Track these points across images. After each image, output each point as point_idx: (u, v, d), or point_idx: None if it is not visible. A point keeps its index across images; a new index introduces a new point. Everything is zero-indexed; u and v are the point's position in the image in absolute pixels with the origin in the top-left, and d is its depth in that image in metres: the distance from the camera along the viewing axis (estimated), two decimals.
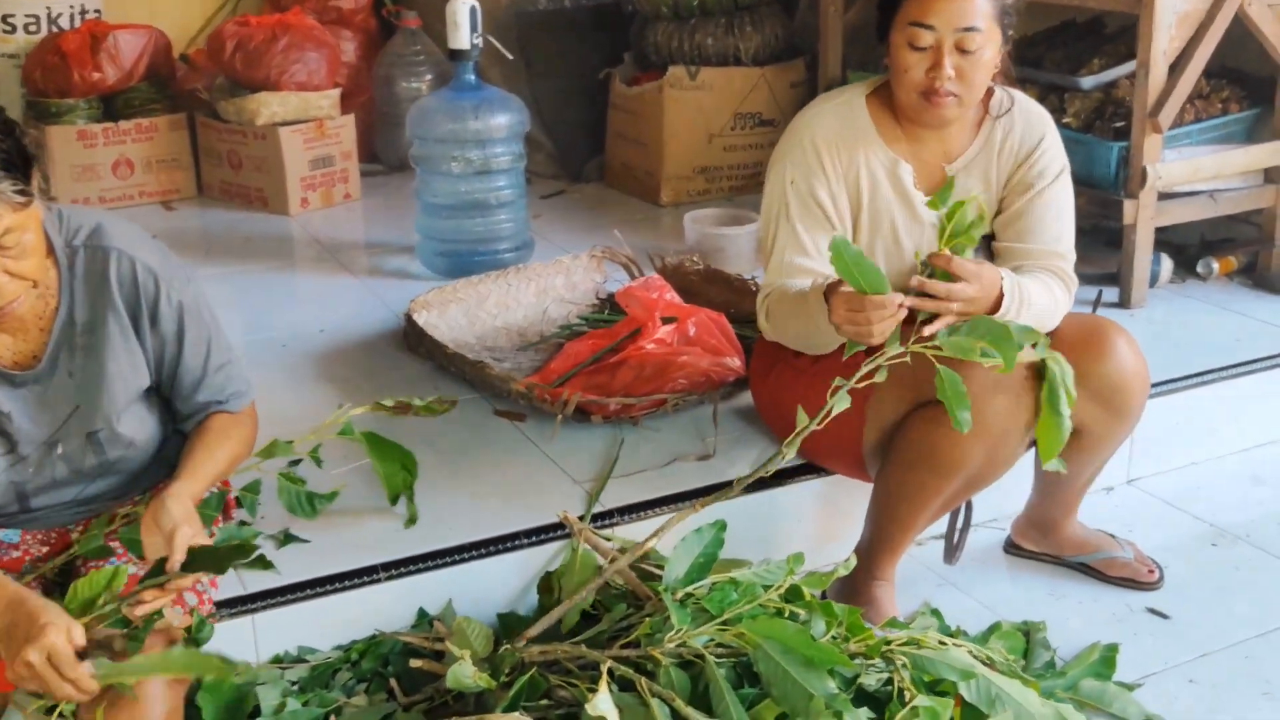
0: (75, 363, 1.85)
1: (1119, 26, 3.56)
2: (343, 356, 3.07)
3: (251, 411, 2.04)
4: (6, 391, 1.84)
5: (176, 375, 1.93)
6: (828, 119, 2.29)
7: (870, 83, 2.35)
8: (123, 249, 1.85)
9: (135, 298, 1.86)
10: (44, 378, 1.85)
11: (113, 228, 1.87)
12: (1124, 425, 2.24)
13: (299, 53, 4.20)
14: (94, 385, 1.86)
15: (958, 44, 2.12)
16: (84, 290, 1.84)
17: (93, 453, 1.90)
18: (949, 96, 2.16)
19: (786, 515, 2.45)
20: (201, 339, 1.93)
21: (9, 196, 1.64)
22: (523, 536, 2.23)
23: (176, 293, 1.88)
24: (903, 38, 2.15)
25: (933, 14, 2.11)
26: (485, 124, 3.45)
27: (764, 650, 1.68)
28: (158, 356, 1.91)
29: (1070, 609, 2.38)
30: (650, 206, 4.31)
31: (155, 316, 1.87)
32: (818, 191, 2.26)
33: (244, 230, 4.10)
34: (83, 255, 1.83)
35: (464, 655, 1.84)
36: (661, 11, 4.30)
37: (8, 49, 4.41)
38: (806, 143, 2.28)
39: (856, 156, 2.26)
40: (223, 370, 1.97)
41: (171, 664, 1.66)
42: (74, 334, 1.84)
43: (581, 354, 2.85)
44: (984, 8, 2.12)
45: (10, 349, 1.84)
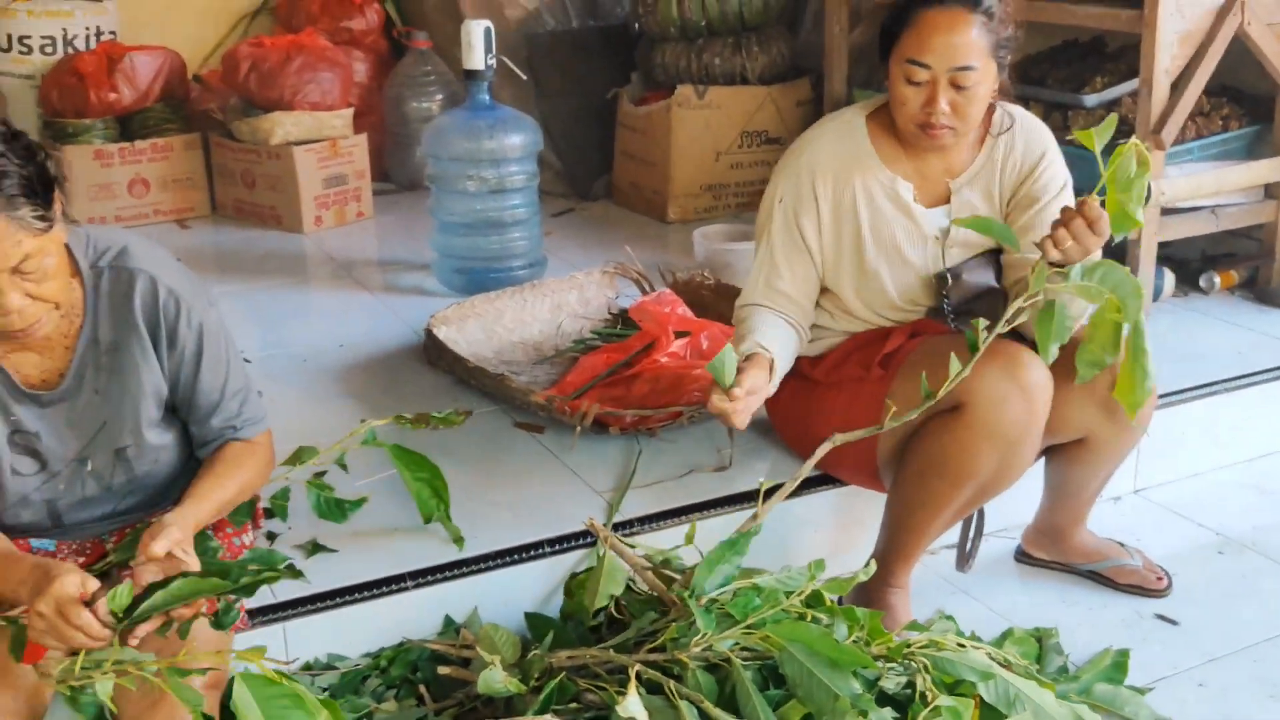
0: (101, 381, 1.89)
1: (1120, 45, 3.63)
2: (363, 371, 3.12)
3: (266, 442, 2.06)
4: (35, 411, 1.88)
5: (193, 398, 1.96)
6: (826, 143, 2.35)
7: (871, 102, 2.40)
8: (146, 270, 1.88)
9: (156, 318, 1.89)
10: (71, 396, 1.88)
11: (138, 249, 1.91)
12: (1132, 434, 2.29)
13: (312, 73, 4.27)
14: (120, 403, 1.90)
15: (952, 81, 2.17)
16: (108, 310, 1.87)
17: (121, 469, 1.94)
18: (944, 129, 2.21)
19: (802, 525, 2.49)
20: (220, 363, 1.96)
21: (29, 223, 1.67)
22: (545, 545, 2.28)
23: (197, 315, 1.92)
24: (900, 72, 2.21)
25: (928, 53, 2.16)
26: (500, 143, 3.51)
27: (789, 652, 1.73)
28: (173, 377, 1.94)
29: (1081, 616, 2.43)
30: (658, 224, 4.37)
31: (174, 337, 1.90)
32: (802, 219, 2.33)
33: (259, 248, 4.15)
34: (108, 276, 1.87)
35: (494, 661, 1.88)
36: (669, 32, 4.37)
37: (25, 70, 4.47)
38: (802, 168, 2.34)
39: (852, 181, 2.32)
40: (238, 396, 2.00)
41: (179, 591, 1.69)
42: (99, 353, 1.88)
43: (597, 367, 2.90)
44: (978, 45, 2.17)
45: (37, 367, 1.88)
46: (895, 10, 2.23)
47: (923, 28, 2.17)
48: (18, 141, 1.71)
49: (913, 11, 2.19)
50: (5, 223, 1.65)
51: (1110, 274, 1.95)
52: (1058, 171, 2.36)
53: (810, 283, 2.38)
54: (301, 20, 4.76)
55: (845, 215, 2.33)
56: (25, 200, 1.66)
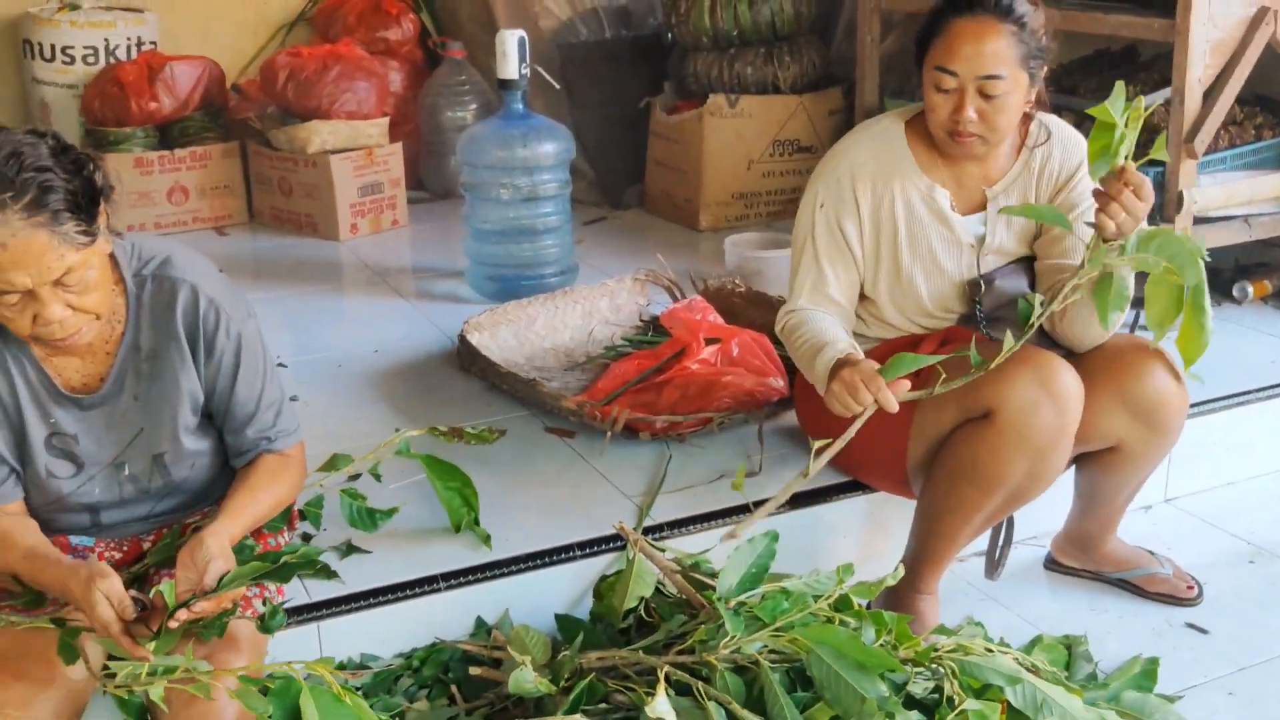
0: (140, 387, 1.92)
1: (1152, 55, 3.62)
2: (397, 376, 3.16)
3: (299, 454, 2.09)
4: (75, 414, 1.92)
5: (229, 407, 1.99)
6: (864, 148, 2.37)
7: (909, 110, 2.42)
8: (188, 280, 1.91)
9: (195, 327, 1.92)
10: (110, 400, 1.92)
11: (181, 259, 1.94)
12: (1163, 442, 2.29)
13: (349, 82, 4.32)
14: (158, 409, 1.94)
15: (980, 89, 2.19)
16: (149, 318, 1.91)
17: (158, 473, 1.98)
18: (972, 137, 2.23)
19: (831, 531, 2.51)
20: (257, 374, 1.99)
21: (73, 237, 1.70)
22: (576, 548, 2.30)
23: (236, 326, 1.95)
24: (929, 79, 2.23)
25: (955, 60, 2.18)
26: (533, 151, 3.55)
27: (817, 655, 1.74)
28: (210, 386, 1.97)
29: (1110, 624, 2.43)
30: (689, 232, 4.39)
31: (212, 347, 1.93)
32: (845, 223, 2.34)
33: (295, 255, 4.20)
34: (150, 284, 1.90)
35: (525, 661, 1.91)
36: (701, 42, 4.40)
37: (67, 79, 4.53)
38: (842, 173, 2.35)
39: (891, 186, 2.34)
40: (273, 407, 2.03)
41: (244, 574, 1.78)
42: (139, 359, 1.92)
43: (628, 374, 2.92)
44: (1007, 55, 2.18)
45: (79, 372, 1.92)
46: (928, 18, 2.26)
47: (952, 36, 2.19)
48: (66, 155, 1.74)
49: (943, 20, 2.21)
50: (49, 237, 1.68)
51: (1167, 243, 1.96)
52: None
53: (854, 286, 2.40)
54: (338, 30, 4.81)
55: (884, 220, 2.35)
56: (70, 215, 1.70)
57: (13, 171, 1.66)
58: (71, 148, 1.77)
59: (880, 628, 1.88)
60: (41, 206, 1.67)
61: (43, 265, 1.69)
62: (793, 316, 2.37)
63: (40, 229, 1.67)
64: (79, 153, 1.77)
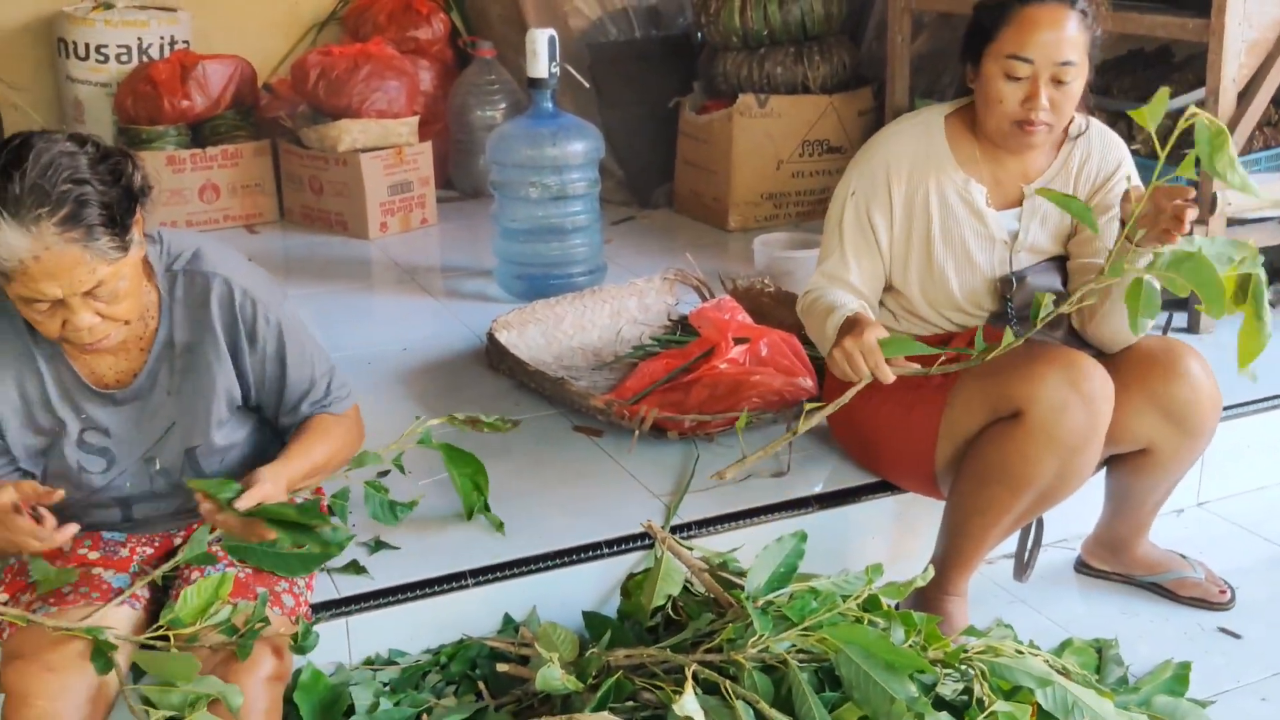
0: (174, 383, 1.94)
1: (1187, 55, 3.59)
2: (426, 374, 3.16)
3: (355, 415, 2.12)
4: (107, 410, 1.93)
5: (282, 391, 2.01)
6: (904, 140, 2.36)
7: (951, 104, 2.41)
8: (221, 274, 1.93)
9: (234, 321, 1.93)
10: (143, 395, 1.94)
11: (211, 253, 1.95)
12: (1196, 445, 2.27)
13: (379, 81, 4.33)
14: (191, 403, 1.95)
15: (1054, 76, 2.19)
16: (183, 313, 1.92)
17: (190, 467, 1.99)
18: (1041, 125, 2.22)
19: (860, 532, 2.50)
20: (304, 355, 2.02)
21: (105, 252, 1.72)
22: (603, 546, 2.30)
23: (274, 313, 1.96)
24: (998, 68, 2.21)
25: (1032, 48, 2.17)
26: (562, 150, 3.55)
27: (846, 655, 1.74)
28: (258, 376, 1.99)
29: (1142, 628, 2.41)
30: (718, 232, 4.39)
31: (254, 336, 1.95)
32: (874, 213, 2.34)
33: (324, 253, 4.22)
34: (182, 280, 1.92)
35: (552, 659, 1.91)
36: (731, 41, 4.39)
37: (101, 78, 4.57)
38: (878, 162, 2.35)
39: (927, 179, 2.33)
40: (325, 378, 2.06)
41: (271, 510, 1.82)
42: (173, 354, 1.93)
43: (656, 373, 2.92)
44: (1079, 42, 2.19)
45: (111, 368, 1.93)
46: (990, 8, 2.24)
47: (1026, 23, 2.18)
48: (105, 164, 1.74)
49: (1012, 9, 2.21)
50: (81, 251, 1.69)
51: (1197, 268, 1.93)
52: (1132, 179, 2.36)
53: (876, 279, 2.39)
54: (369, 30, 4.83)
55: (917, 212, 2.34)
56: (104, 230, 1.71)
57: (50, 184, 1.67)
58: (111, 154, 1.77)
59: (910, 628, 1.87)
60: (76, 221, 1.68)
61: (74, 278, 1.70)
62: (809, 294, 2.38)
63: (74, 244, 1.68)
64: (118, 158, 1.78)
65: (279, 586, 1.95)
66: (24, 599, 1.87)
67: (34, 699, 1.72)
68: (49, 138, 1.73)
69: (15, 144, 1.71)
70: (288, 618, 1.94)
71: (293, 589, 1.98)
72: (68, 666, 1.76)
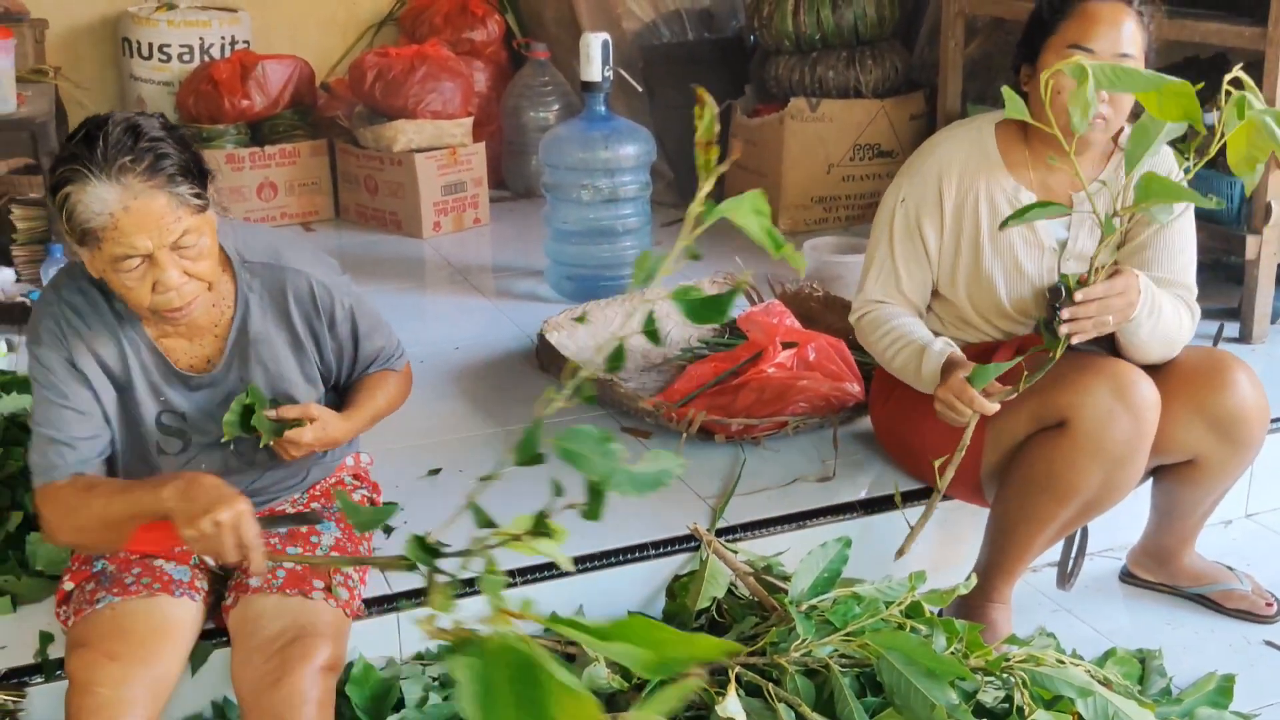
0: (248, 370, 2.02)
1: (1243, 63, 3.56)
2: (476, 373, 3.21)
3: (407, 369, 2.27)
4: (184, 393, 2.01)
5: (355, 363, 2.15)
6: (956, 146, 2.38)
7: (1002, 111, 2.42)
8: (298, 268, 2.03)
9: (314, 312, 2.04)
10: (219, 382, 2.01)
11: (286, 248, 2.05)
12: (1243, 457, 2.27)
13: (435, 83, 4.39)
14: (265, 391, 2.02)
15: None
16: (259, 304, 2.00)
17: (264, 449, 2.05)
18: (1098, 120, 2.23)
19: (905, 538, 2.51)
20: (374, 329, 2.14)
21: (188, 199, 1.82)
22: (650, 547, 2.34)
23: (347, 298, 2.08)
24: (1059, 59, 2.23)
25: (1094, 38, 2.21)
26: (614, 153, 3.59)
27: (887, 661, 1.76)
28: (337, 355, 2.11)
29: (1186, 639, 2.41)
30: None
31: (333, 323, 2.07)
32: (924, 221, 2.36)
33: (379, 252, 4.28)
34: (260, 273, 2.01)
35: (598, 658, 1.94)
36: (783, 45, 4.41)
37: (164, 77, 4.67)
38: (929, 168, 2.37)
39: (977, 185, 2.34)
40: (386, 337, 2.19)
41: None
42: (247, 343, 2.01)
43: (704, 376, 2.95)
44: (1137, 38, 2.23)
45: (187, 353, 2.01)
46: (1053, 2, 2.27)
47: (1087, 16, 2.23)
48: (174, 132, 1.87)
49: (1074, 3, 2.25)
50: (167, 199, 1.80)
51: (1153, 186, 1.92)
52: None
53: (925, 286, 2.42)
54: (425, 31, 4.89)
55: (967, 217, 2.36)
56: (184, 179, 1.82)
57: (131, 141, 1.79)
58: (177, 127, 1.91)
59: (951, 635, 1.89)
60: (158, 170, 1.79)
61: (162, 226, 1.80)
62: (870, 312, 2.40)
63: (159, 191, 1.79)
64: (184, 133, 1.91)
65: (335, 579, 2.00)
66: (89, 588, 1.93)
67: (97, 686, 1.78)
68: (121, 114, 1.86)
69: (92, 122, 1.83)
70: (342, 610, 1.98)
71: (347, 582, 2.03)
72: (130, 655, 1.82)
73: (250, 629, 1.91)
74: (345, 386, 2.19)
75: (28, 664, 2.04)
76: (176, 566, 1.97)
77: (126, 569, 1.94)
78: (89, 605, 1.89)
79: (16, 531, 2.25)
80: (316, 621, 1.91)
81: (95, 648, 1.82)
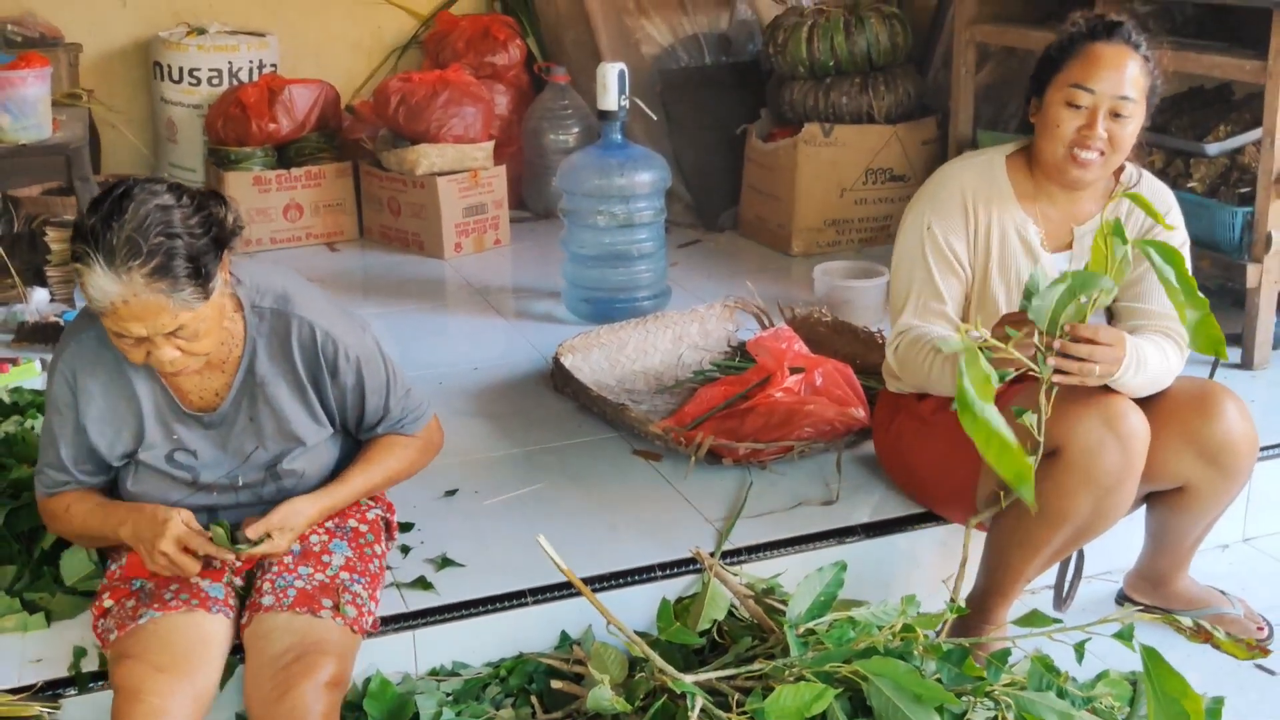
0: (255, 410, 2.10)
1: (1247, 94, 3.63)
2: (494, 394, 3.31)
3: (426, 434, 2.29)
4: (196, 431, 2.10)
5: (362, 416, 2.19)
6: (971, 173, 2.46)
7: (1012, 144, 2.51)
8: (303, 315, 2.09)
9: (315, 360, 2.10)
10: (227, 420, 2.11)
11: (297, 295, 2.11)
12: (1232, 485, 2.34)
13: (457, 108, 4.49)
14: (273, 431, 2.12)
15: (1112, 109, 2.29)
16: (266, 349, 2.08)
17: (271, 483, 2.15)
18: (1096, 155, 2.31)
19: (906, 560, 2.59)
20: (380, 383, 2.18)
21: (188, 301, 1.89)
22: (657, 569, 2.42)
23: (354, 350, 2.13)
24: (1061, 96, 2.32)
25: (1095, 79, 2.29)
26: (630, 180, 3.68)
27: (876, 685, 1.84)
28: (340, 404, 2.16)
29: (1178, 661, 2.42)
30: (781, 256, 4.49)
31: (335, 372, 2.12)
32: (953, 240, 2.43)
33: (401, 272, 4.39)
34: (269, 318, 2.08)
35: (603, 679, 2.02)
36: (798, 71, 4.49)
37: (193, 100, 4.78)
38: (950, 193, 2.44)
39: (991, 212, 2.43)
40: (400, 403, 2.22)
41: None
42: (253, 384, 2.09)
43: (714, 399, 3.03)
44: (1139, 82, 2.31)
45: (197, 388, 2.10)
46: (1062, 41, 2.37)
47: (1091, 58, 2.31)
48: (197, 216, 1.90)
49: (1081, 43, 2.33)
50: (166, 300, 1.86)
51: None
52: (1176, 231, 2.43)
53: (960, 303, 2.47)
54: (448, 55, 4.98)
55: (980, 243, 2.44)
56: (189, 280, 1.88)
57: (144, 237, 1.83)
58: (206, 204, 1.93)
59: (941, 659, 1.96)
60: (164, 274, 1.85)
61: (158, 322, 1.88)
62: (908, 332, 2.43)
63: (159, 294, 1.85)
64: (211, 208, 1.94)
65: (344, 598, 2.08)
66: (129, 604, 2.03)
67: (146, 695, 1.87)
68: (149, 189, 1.89)
69: (118, 193, 1.88)
70: (350, 628, 2.06)
71: (356, 600, 2.11)
72: (174, 667, 1.91)
73: (260, 645, 2.00)
74: (360, 439, 2.24)
75: (62, 676, 2.13)
76: (211, 584, 2.06)
77: (165, 585, 2.04)
78: (132, 620, 1.98)
79: (50, 549, 2.35)
80: (323, 639, 1.99)
81: (142, 659, 1.92)
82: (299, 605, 2.03)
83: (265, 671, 1.95)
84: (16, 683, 2.11)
